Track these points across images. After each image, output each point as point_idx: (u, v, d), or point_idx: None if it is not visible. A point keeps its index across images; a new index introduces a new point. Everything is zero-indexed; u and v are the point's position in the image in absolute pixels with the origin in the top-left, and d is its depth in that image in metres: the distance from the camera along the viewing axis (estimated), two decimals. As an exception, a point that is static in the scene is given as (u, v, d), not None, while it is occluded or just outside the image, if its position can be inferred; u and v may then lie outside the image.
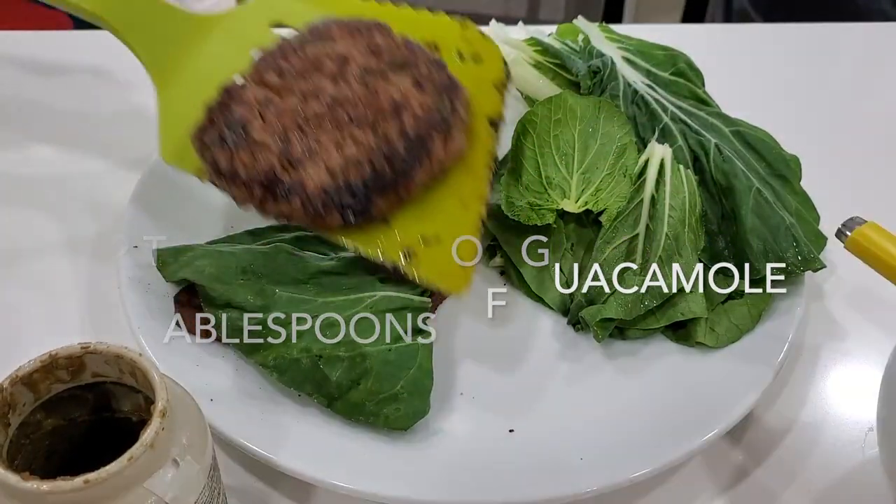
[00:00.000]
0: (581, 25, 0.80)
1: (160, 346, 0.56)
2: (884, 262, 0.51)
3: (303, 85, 0.59)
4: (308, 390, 0.54)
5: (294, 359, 0.53)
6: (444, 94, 0.59)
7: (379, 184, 0.55)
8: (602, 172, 0.66)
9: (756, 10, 1.54)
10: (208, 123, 0.59)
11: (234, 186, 0.56)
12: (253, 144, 0.57)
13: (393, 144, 0.56)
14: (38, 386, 0.40)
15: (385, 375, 0.53)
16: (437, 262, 0.58)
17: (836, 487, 0.55)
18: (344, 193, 0.55)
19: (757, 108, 0.77)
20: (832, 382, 0.62)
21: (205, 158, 0.57)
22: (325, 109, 0.58)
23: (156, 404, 0.37)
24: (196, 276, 0.56)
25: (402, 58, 0.61)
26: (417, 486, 0.50)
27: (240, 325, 0.55)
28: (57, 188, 0.75)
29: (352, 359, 0.54)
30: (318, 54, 0.61)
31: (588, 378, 0.58)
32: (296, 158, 0.56)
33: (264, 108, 0.58)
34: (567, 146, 0.67)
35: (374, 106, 0.57)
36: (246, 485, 0.54)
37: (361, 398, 0.53)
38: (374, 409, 0.53)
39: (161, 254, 0.59)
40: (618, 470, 0.51)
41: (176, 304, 0.59)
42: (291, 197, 0.55)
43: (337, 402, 0.53)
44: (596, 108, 0.69)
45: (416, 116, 0.57)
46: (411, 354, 0.55)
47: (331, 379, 0.53)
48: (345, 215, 0.55)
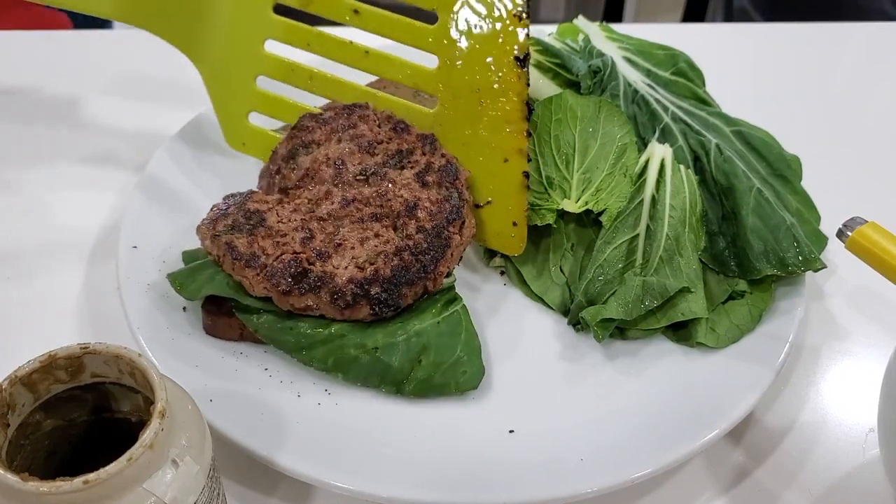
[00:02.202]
0: (581, 25, 0.80)
1: (160, 346, 0.56)
2: (884, 263, 0.51)
3: (308, 193, 0.60)
4: (375, 383, 0.55)
5: (353, 357, 0.55)
6: (447, 185, 0.60)
7: (407, 276, 0.56)
8: (602, 172, 0.66)
9: (756, 9, 1.54)
10: (219, 215, 0.59)
11: (253, 271, 0.55)
12: (273, 233, 0.57)
13: (414, 239, 0.57)
14: (38, 386, 0.40)
15: (443, 346, 0.56)
16: (491, 223, 0.64)
17: (836, 488, 0.55)
18: (373, 285, 0.55)
19: (757, 108, 0.78)
20: (832, 383, 0.62)
21: (217, 246, 0.57)
22: (339, 207, 0.59)
23: (155, 405, 0.37)
24: (223, 290, 0.56)
25: (395, 148, 0.62)
26: (417, 487, 0.50)
27: (277, 329, 0.55)
28: (56, 188, 0.75)
29: (407, 340, 0.55)
30: (312, 164, 0.61)
31: (588, 378, 0.58)
32: (321, 250, 0.56)
33: (278, 206, 0.59)
34: (567, 146, 0.67)
35: (385, 206, 0.59)
36: (246, 485, 0.53)
37: (427, 373, 0.55)
38: (442, 380, 0.55)
39: (176, 278, 0.58)
40: (618, 470, 0.51)
41: (205, 314, 0.58)
42: (321, 289, 0.55)
43: (405, 385, 0.55)
44: (596, 108, 0.68)
45: (430, 212, 0.59)
46: (457, 321, 0.57)
47: (393, 365, 0.55)
48: (374, 307, 0.55)
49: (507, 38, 0.62)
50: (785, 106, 0.90)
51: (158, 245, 0.64)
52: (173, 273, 0.59)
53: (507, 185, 0.63)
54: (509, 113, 0.62)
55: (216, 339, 0.58)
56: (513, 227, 0.63)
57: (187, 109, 0.76)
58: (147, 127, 0.82)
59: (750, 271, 0.61)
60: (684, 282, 0.59)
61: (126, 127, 0.82)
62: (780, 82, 0.95)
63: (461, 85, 0.64)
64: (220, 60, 0.70)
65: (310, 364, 0.55)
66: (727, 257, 0.63)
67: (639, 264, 0.61)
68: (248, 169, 0.73)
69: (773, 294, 0.62)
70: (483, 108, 0.63)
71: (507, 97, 0.62)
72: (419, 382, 0.55)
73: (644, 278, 0.59)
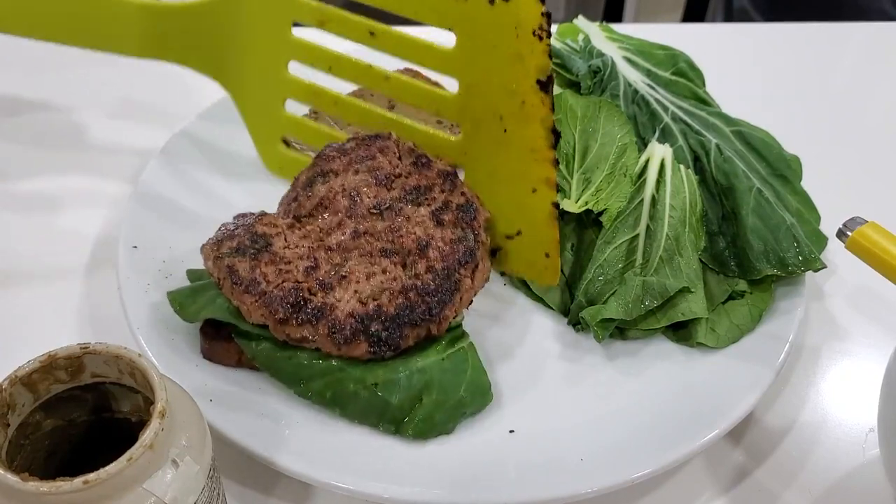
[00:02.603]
0: (581, 25, 0.80)
1: (160, 346, 0.56)
2: (884, 262, 0.51)
3: (320, 222, 0.59)
4: (373, 422, 0.53)
5: (351, 392, 0.53)
6: (463, 225, 0.58)
7: (411, 316, 0.53)
8: (602, 173, 0.65)
9: (756, 9, 1.54)
10: (225, 235, 0.58)
11: (251, 297, 0.53)
12: (277, 259, 0.55)
13: (423, 278, 0.55)
14: (37, 386, 0.40)
15: (447, 384, 0.53)
16: (522, 254, 0.62)
17: (836, 488, 0.55)
18: (374, 322, 0.53)
19: (757, 108, 0.77)
20: (832, 383, 0.62)
21: (219, 268, 0.56)
22: (349, 239, 0.57)
23: (155, 405, 0.37)
24: (222, 314, 0.55)
25: (413, 183, 0.60)
26: (417, 487, 0.50)
27: (276, 357, 0.54)
28: (56, 188, 0.75)
29: (409, 377, 0.53)
30: (327, 193, 0.60)
31: (588, 378, 0.58)
32: (324, 281, 0.54)
33: (287, 231, 0.58)
34: (567, 146, 0.67)
35: (397, 242, 0.57)
36: (246, 485, 0.53)
37: (428, 412, 0.52)
38: (444, 419, 0.53)
39: (176, 296, 0.57)
40: (618, 470, 0.51)
41: (203, 337, 0.57)
42: (320, 321, 0.53)
43: (404, 424, 0.52)
44: (596, 108, 0.68)
45: (442, 252, 0.56)
46: (463, 358, 0.55)
47: (392, 403, 0.52)
48: (373, 345, 0.53)
49: (529, 59, 0.57)
50: (785, 106, 0.90)
51: (158, 245, 0.64)
52: (173, 292, 0.58)
53: (537, 216, 0.60)
54: (534, 140, 0.59)
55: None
56: (545, 258, 0.61)
57: (187, 111, 0.76)
58: (148, 127, 0.82)
59: (750, 271, 0.61)
60: (684, 282, 0.59)
61: (126, 126, 0.82)
62: (780, 82, 0.95)
63: (483, 111, 0.61)
64: (248, 84, 0.69)
65: (307, 397, 0.54)
66: (727, 257, 0.63)
67: (639, 264, 0.61)
68: (248, 169, 0.74)
69: (773, 294, 0.62)
70: (507, 135, 0.60)
71: (531, 123, 0.59)
72: (420, 422, 0.52)
73: (644, 278, 0.59)
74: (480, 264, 0.57)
